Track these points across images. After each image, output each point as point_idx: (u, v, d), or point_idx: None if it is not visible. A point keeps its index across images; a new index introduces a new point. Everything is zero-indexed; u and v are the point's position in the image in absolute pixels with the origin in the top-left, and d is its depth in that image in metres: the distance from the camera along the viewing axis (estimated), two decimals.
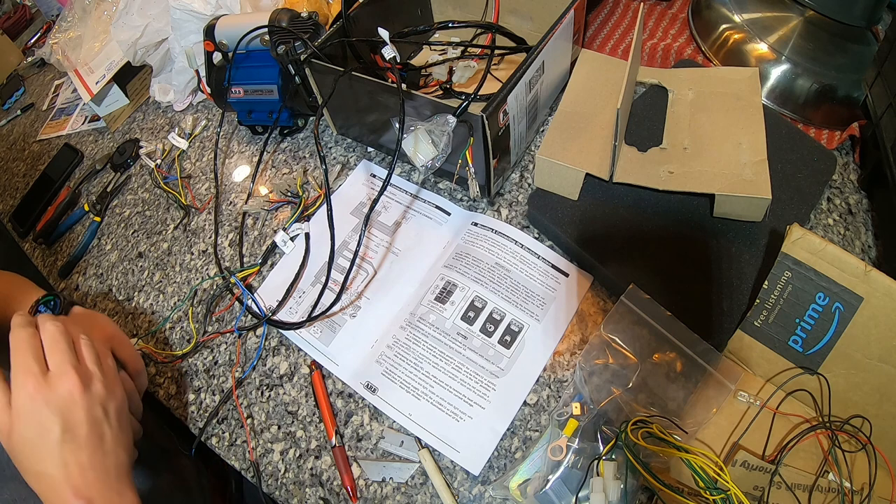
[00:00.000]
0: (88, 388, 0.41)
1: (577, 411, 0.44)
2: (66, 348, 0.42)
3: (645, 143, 0.54)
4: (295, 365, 0.54)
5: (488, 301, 0.52)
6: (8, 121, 1.04)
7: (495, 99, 0.48)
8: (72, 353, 0.42)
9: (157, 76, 0.84)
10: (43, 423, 0.38)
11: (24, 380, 0.39)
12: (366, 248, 0.59)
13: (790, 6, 0.62)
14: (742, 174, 0.48)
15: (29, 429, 0.39)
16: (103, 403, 0.42)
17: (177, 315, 0.61)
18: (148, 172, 0.76)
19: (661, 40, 0.69)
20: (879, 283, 0.37)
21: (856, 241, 0.51)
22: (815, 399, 0.41)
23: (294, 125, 0.72)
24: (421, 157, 0.49)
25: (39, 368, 0.40)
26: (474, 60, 0.64)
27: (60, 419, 0.39)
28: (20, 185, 0.88)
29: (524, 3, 0.67)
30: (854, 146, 0.57)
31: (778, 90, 0.60)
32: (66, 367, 0.41)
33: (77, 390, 0.40)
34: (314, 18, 0.63)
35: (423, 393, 0.49)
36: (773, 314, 0.41)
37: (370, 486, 0.46)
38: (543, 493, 0.41)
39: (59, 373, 0.40)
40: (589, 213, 0.52)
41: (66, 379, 0.40)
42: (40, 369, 0.40)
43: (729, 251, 0.48)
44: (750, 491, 0.39)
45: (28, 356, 0.40)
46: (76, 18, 1.00)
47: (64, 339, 0.42)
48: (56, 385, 0.40)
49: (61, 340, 0.42)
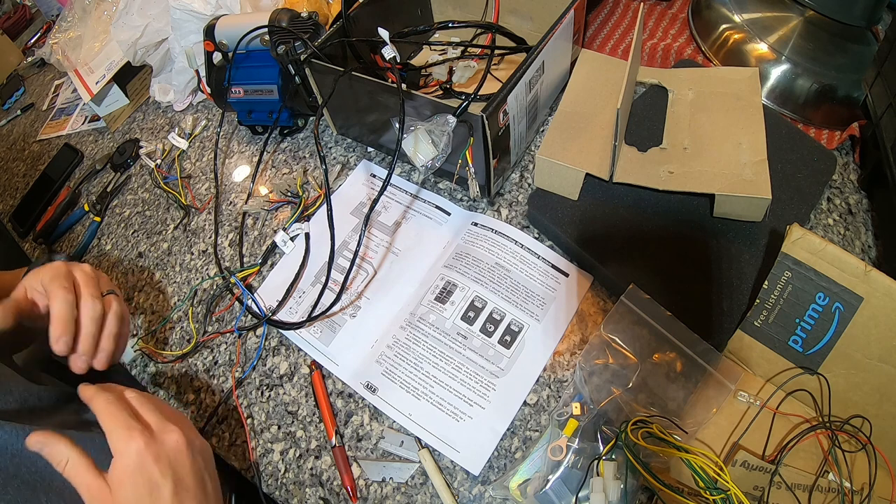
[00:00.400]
0: (192, 441, 0.41)
1: (577, 411, 0.44)
2: (156, 405, 0.42)
3: (645, 143, 0.54)
4: (295, 365, 0.54)
5: (488, 301, 0.52)
6: (8, 121, 1.04)
7: (495, 99, 0.48)
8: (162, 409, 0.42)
9: (157, 76, 0.84)
10: (154, 481, 0.37)
11: (130, 437, 0.38)
12: (366, 248, 0.59)
13: (790, 6, 0.62)
14: (742, 174, 0.48)
15: (138, 488, 0.37)
16: (203, 454, 0.42)
17: (177, 315, 0.61)
18: (148, 172, 0.76)
19: (661, 40, 0.69)
20: (879, 283, 0.37)
21: (856, 241, 0.51)
22: (815, 399, 0.41)
23: (294, 125, 0.72)
24: (421, 157, 0.49)
25: (141, 426, 0.39)
26: (474, 60, 0.64)
27: (172, 474, 0.38)
28: (20, 185, 0.88)
29: (524, 3, 0.67)
30: (854, 146, 0.57)
31: (778, 90, 0.60)
32: (165, 422, 0.40)
33: (183, 443, 0.40)
34: (314, 18, 0.63)
35: (423, 393, 0.49)
36: (773, 314, 0.41)
37: (370, 486, 0.46)
38: (543, 493, 0.41)
39: (163, 428, 0.40)
40: (589, 213, 0.52)
41: (172, 433, 0.40)
42: (142, 426, 0.39)
43: (729, 251, 0.48)
44: (750, 491, 0.39)
45: (125, 415, 0.39)
46: (76, 18, 1.00)
47: (150, 398, 0.43)
48: (164, 440, 0.39)
49: (148, 399, 0.42)
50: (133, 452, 0.37)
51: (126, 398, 0.42)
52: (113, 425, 0.39)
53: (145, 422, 0.40)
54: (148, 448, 0.38)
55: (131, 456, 0.37)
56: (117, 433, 0.38)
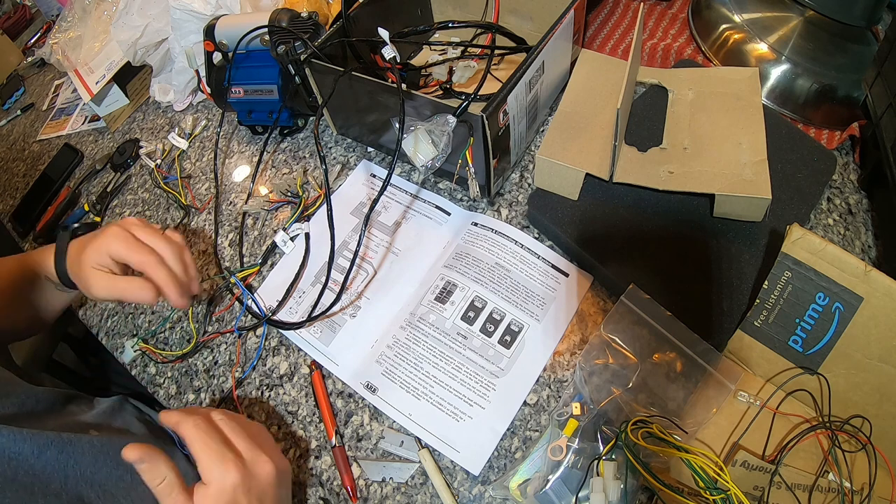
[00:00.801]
0: (280, 470, 0.42)
1: (577, 411, 0.44)
2: (244, 427, 0.43)
3: (645, 143, 0.54)
4: (295, 365, 0.54)
5: (488, 301, 0.52)
6: (8, 121, 1.04)
7: (495, 99, 0.48)
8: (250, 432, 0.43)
9: (157, 76, 0.84)
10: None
11: (226, 470, 0.39)
12: (366, 248, 0.59)
13: (790, 6, 0.62)
14: (742, 174, 0.48)
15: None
16: (285, 479, 0.43)
17: (177, 315, 0.61)
18: (148, 172, 0.76)
19: (661, 40, 0.69)
20: (879, 283, 0.37)
21: (856, 241, 0.51)
22: (815, 399, 0.41)
23: (294, 125, 0.72)
24: (421, 157, 0.49)
25: (234, 455, 0.40)
26: (474, 60, 0.64)
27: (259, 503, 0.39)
28: (20, 185, 0.88)
29: (524, 3, 0.67)
30: (854, 146, 0.57)
31: (778, 90, 0.60)
32: (257, 452, 0.41)
33: (273, 475, 0.41)
34: (314, 18, 0.63)
35: (423, 393, 0.49)
36: (773, 314, 0.41)
37: (370, 486, 0.46)
38: (543, 493, 0.41)
39: (255, 459, 0.40)
40: (589, 213, 0.52)
41: (265, 465, 0.41)
42: (235, 456, 0.40)
43: (729, 251, 0.48)
44: (750, 491, 0.39)
45: (218, 444, 0.40)
46: (76, 18, 1.00)
47: (236, 419, 0.44)
48: (257, 473, 0.40)
49: (236, 421, 0.43)
50: (229, 487, 0.38)
51: (214, 422, 0.42)
52: (207, 455, 0.39)
53: (237, 450, 0.41)
54: (243, 482, 0.39)
55: (226, 490, 0.38)
56: (213, 464, 0.39)
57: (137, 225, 0.51)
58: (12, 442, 0.40)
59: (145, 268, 0.49)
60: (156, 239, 0.50)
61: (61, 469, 0.41)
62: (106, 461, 0.44)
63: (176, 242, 0.51)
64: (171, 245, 0.50)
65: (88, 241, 0.51)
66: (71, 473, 0.42)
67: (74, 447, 0.43)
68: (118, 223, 0.51)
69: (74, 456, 0.42)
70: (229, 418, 0.43)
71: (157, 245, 0.50)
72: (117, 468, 0.45)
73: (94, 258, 0.49)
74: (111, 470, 0.44)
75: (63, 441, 0.42)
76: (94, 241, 0.50)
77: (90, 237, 0.51)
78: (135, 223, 0.51)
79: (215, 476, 0.39)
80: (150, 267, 0.48)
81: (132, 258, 0.49)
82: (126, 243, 0.49)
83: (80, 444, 0.44)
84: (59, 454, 0.42)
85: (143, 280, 0.49)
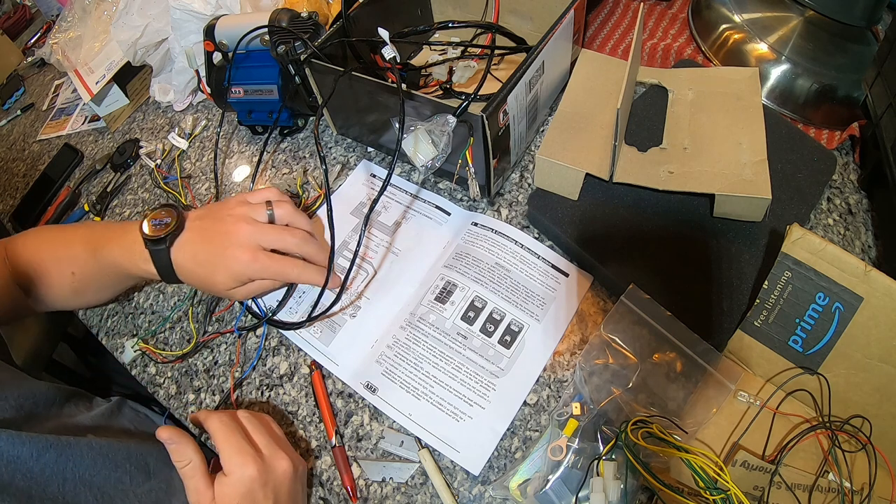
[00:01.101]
0: (296, 468, 0.44)
1: (577, 411, 0.44)
2: (266, 427, 0.45)
3: (645, 143, 0.54)
4: (295, 365, 0.54)
5: (488, 301, 0.52)
6: (8, 121, 1.04)
7: (495, 99, 0.48)
8: (271, 432, 0.45)
9: (157, 76, 0.84)
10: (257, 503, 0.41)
11: (245, 463, 0.41)
12: (366, 248, 0.59)
13: (790, 6, 0.62)
14: (742, 174, 0.48)
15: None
16: (302, 478, 0.45)
17: (177, 315, 0.61)
18: (148, 172, 0.76)
19: (661, 40, 0.69)
20: (879, 283, 0.37)
21: (856, 241, 0.51)
22: (815, 399, 0.41)
23: (294, 125, 0.72)
24: (421, 157, 0.49)
25: (254, 450, 0.42)
26: (474, 60, 0.64)
27: (274, 498, 0.41)
28: (20, 185, 0.88)
29: (524, 3, 0.67)
30: (854, 146, 0.57)
31: (778, 90, 0.60)
32: (276, 449, 0.43)
33: (290, 471, 0.43)
34: (314, 18, 0.63)
35: (424, 393, 0.49)
36: (773, 314, 0.41)
37: (370, 486, 0.46)
38: (543, 493, 0.41)
39: (274, 455, 0.43)
40: (589, 213, 0.52)
41: (282, 461, 0.43)
42: (255, 451, 0.42)
43: (729, 251, 0.48)
44: (750, 491, 0.39)
45: (240, 438, 0.42)
46: (76, 18, 1.00)
47: (261, 418, 0.46)
48: (274, 467, 0.42)
49: (259, 420, 0.46)
50: (247, 478, 0.40)
51: (238, 419, 0.45)
52: (229, 447, 0.42)
53: (257, 445, 0.43)
54: (260, 475, 0.41)
55: (244, 481, 0.40)
56: (233, 455, 0.41)
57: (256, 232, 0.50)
58: (10, 445, 0.40)
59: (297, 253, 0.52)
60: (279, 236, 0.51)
61: (59, 472, 0.41)
62: (105, 464, 0.44)
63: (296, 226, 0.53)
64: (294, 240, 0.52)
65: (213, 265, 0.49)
66: (69, 477, 0.42)
67: (73, 450, 0.43)
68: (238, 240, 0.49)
69: (73, 459, 0.42)
70: (253, 417, 0.45)
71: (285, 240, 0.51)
72: (116, 471, 0.45)
73: (230, 284, 0.50)
74: (109, 472, 0.44)
75: (62, 444, 0.42)
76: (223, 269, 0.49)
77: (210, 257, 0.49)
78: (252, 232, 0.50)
79: (235, 469, 0.41)
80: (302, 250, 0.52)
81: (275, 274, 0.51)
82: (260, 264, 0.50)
83: (79, 447, 0.44)
84: (58, 457, 0.42)
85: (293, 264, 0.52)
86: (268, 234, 0.51)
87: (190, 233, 0.51)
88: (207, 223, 0.51)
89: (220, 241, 0.50)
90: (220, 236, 0.50)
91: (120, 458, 0.46)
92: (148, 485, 0.47)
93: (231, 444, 0.42)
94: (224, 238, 0.50)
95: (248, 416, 0.45)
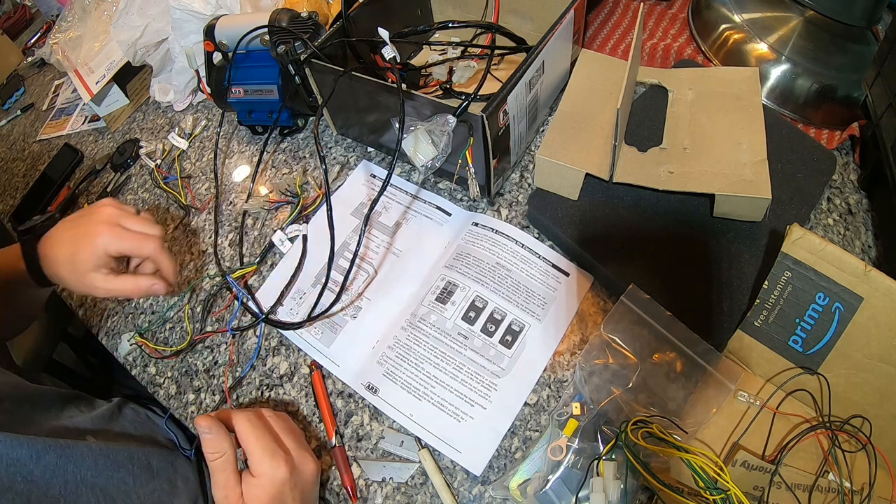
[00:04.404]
0: (320, 469, 0.45)
1: (577, 411, 0.44)
2: (290, 427, 0.46)
3: (645, 143, 0.54)
4: (295, 365, 0.54)
5: (489, 301, 0.52)
6: (8, 121, 1.04)
7: (495, 99, 0.48)
8: (295, 433, 0.45)
9: (157, 76, 0.84)
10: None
11: (278, 466, 0.41)
12: (366, 248, 0.59)
13: (790, 6, 0.62)
14: (742, 174, 0.48)
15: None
16: (318, 478, 0.45)
17: (176, 315, 0.61)
18: (148, 172, 0.76)
19: (661, 40, 0.69)
20: (879, 283, 0.37)
21: (856, 241, 0.51)
22: (815, 399, 0.41)
23: (294, 125, 0.72)
24: (421, 157, 0.49)
25: (284, 452, 0.42)
26: (474, 60, 0.64)
27: (301, 499, 0.42)
28: (20, 185, 0.88)
29: (524, 3, 0.67)
30: (854, 146, 0.57)
31: (778, 90, 0.60)
32: (303, 451, 0.44)
33: (316, 472, 0.44)
34: (314, 18, 0.63)
35: (425, 393, 0.49)
36: (773, 314, 0.41)
37: (370, 486, 0.46)
38: (543, 493, 0.41)
39: (301, 458, 0.43)
40: (589, 213, 0.52)
41: (310, 463, 0.43)
42: (285, 454, 0.42)
43: (729, 251, 0.48)
44: (750, 491, 0.39)
45: (270, 440, 0.42)
46: (76, 18, 1.00)
47: (284, 418, 0.46)
48: (303, 470, 0.43)
49: (284, 420, 0.46)
50: (279, 480, 0.41)
51: (266, 419, 0.45)
52: (261, 449, 0.42)
53: (285, 446, 0.43)
54: (290, 478, 0.41)
55: (276, 483, 0.41)
56: (265, 458, 0.41)
57: (120, 214, 0.52)
58: (10, 448, 0.39)
59: (150, 255, 0.51)
60: (143, 224, 0.52)
61: (61, 474, 0.41)
62: (107, 465, 0.44)
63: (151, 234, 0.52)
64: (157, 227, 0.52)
65: (76, 243, 0.50)
66: (71, 478, 0.41)
67: (74, 451, 0.43)
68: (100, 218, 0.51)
69: (74, 460, 0.42)
70: (277, 417, 0.46)
71: (148, 230, 0.52)
72: (118, 472, 0.45)
73: (92, 262, 0.49)
74: (112, 473, 0.44)
75: (62, 446, 0.42)
76: (86, 244, 0.49)
77: (74, 238, 0.51)
78: (116, 214, 0.52)
79: (267, 471, 0.41)
80: (155, 252, 0.51)
81: (134, 251, 0.50)
82: (121, 238, 0.50)
83: (80, 449, 0.43)
84: (59, 459, 0.41)
85: (145, 277, 0.50)
86: (131, 218, 0.52)
87: (58, 225, 0.53)
88: (75, 216, 0.54)
89: (83, 222, 0.52)
90: (84, 219, 0.52)
91: (122, 458, 0.46)
92: (151, 485, 0.47)
93: (262, 445, 0.42)
94: (87, 219, 0.52)
95: (273, 415, 0.45)
